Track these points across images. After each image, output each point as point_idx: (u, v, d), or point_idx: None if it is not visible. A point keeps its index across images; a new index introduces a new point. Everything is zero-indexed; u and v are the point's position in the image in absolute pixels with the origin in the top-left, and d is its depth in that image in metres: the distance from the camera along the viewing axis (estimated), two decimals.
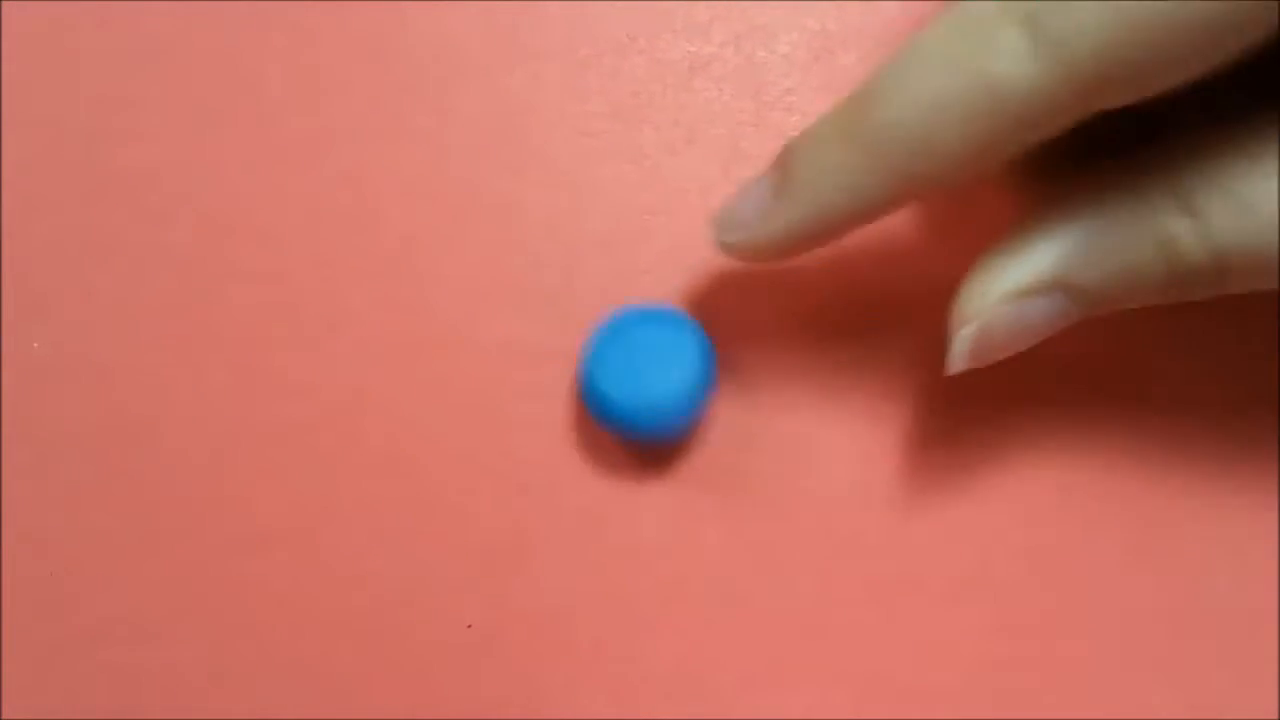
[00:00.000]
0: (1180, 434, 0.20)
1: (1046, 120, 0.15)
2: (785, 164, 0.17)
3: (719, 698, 0.19)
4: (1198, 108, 0.16)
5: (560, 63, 0.21)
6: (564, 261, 0.21)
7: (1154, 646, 0.20)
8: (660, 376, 0.19)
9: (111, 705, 0.19)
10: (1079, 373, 0.20)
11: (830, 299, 0.21)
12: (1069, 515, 0.20)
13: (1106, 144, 0.17)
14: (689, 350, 0.19)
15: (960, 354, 0.16)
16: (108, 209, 0.21)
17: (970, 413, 0.20)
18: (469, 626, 0.20)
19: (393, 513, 0.20)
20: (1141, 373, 0.20)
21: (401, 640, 0.20)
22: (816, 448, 0.20)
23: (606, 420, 0.19)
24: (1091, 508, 0.20)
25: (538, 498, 0.20)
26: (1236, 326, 0.20)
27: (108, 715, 0.19)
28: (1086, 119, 0.15)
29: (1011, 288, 0.16)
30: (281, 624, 0.20)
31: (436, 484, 0.20)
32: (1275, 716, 0.19)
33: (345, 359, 0.21)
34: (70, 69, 0.21)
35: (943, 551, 0.20)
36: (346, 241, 0.21)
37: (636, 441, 0.20)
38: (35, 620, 0.20)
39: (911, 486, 0.20)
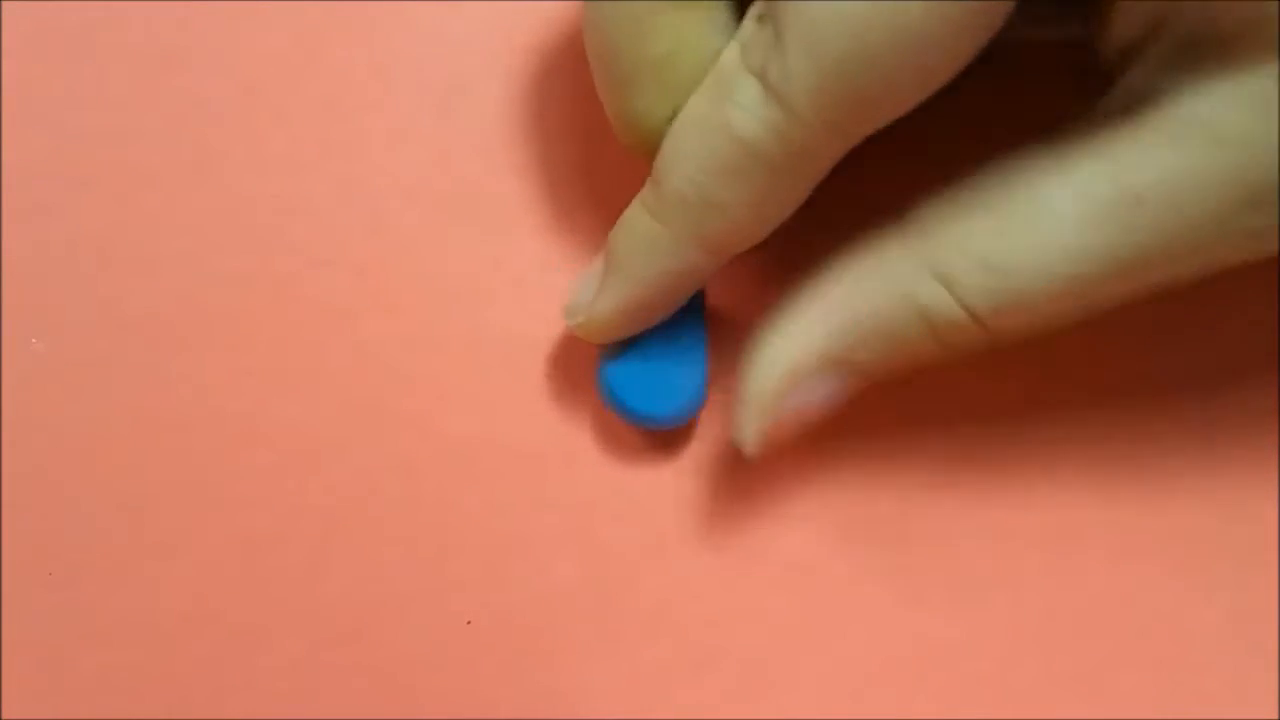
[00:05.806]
0: (1180, 433, 0.20)
1: (805, 161, 0.15)
2: (608, 248, 0.18)
3: (723, 694, 0.19)
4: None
5: (562, 59, 0.21)
6: (567, 255, 0.21)
7: (1154, 645, 0.20)
8: (674, 371, 0.19)
9: (111, 705, 0.19)
10: (1075, 380, 0.20)
11: None
12: (1067, 514, 0.20)
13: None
14: (696, 335, 0.19)
15: (751, 440, 0.17)
16: (108, 209, 0.21)
17: (971, 398, 0.20)
18: (468, 623, 0.20)
19: (393, 509, 0.20)
20: (1140, 375, 0.20)
21: (401, 638, 0.20)
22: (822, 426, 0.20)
23: (623, 416, 0.19)
24: (1091, 508, 0.20)
25: (537, 493, 0.20)
26: (1235, 327, 0.20)
27: (108, 715, 0.19)
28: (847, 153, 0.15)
29: (787, 371, 0.17)
30: (282, 622, 0.20)
31: (435, 480, 0.20)
32: (1275, 717, 0.19)
33: (346, 356, 0.21)
34: (70, 69, 0.21)
35: (943, 545, 0.20)
36: (347, 238, 0.21)
37: (649, 429, 0.20)
38: (35, 620, 0.20)
39: (912, 467, 0.20)
